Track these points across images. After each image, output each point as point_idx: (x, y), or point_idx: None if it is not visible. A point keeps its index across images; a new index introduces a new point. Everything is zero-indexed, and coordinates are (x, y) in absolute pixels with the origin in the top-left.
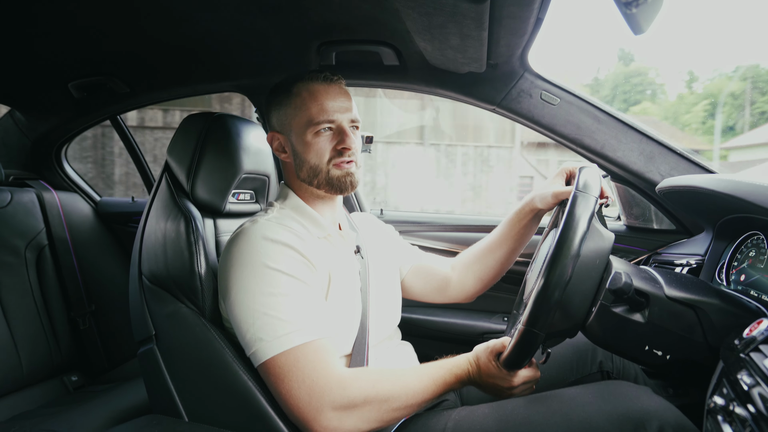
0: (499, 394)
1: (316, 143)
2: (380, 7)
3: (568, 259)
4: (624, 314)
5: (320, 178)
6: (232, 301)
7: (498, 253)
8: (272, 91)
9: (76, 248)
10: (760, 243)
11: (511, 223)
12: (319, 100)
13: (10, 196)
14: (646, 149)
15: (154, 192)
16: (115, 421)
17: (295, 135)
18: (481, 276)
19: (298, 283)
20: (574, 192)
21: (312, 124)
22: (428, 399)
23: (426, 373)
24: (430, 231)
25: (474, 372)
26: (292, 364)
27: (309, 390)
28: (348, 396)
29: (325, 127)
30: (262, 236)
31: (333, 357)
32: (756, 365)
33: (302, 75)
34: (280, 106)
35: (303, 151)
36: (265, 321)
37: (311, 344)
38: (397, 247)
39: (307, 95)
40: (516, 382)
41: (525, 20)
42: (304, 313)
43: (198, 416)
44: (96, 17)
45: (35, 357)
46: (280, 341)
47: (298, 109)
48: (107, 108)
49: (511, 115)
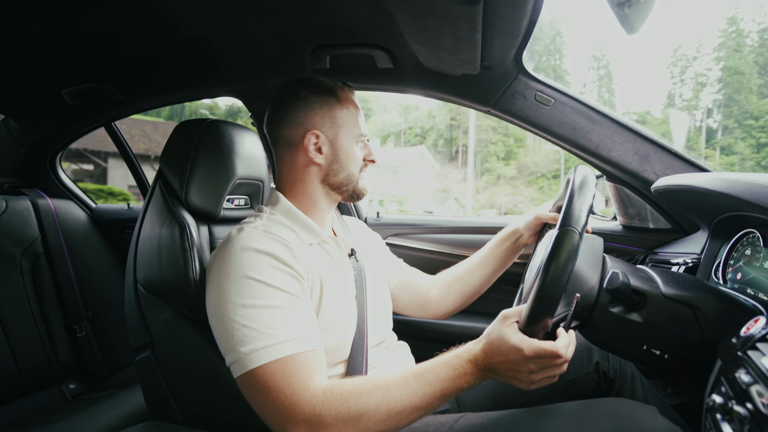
0: (516, 377)
1: (357, 153)
2: (374, 11)
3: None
4: (621, 314)
5: (350, 186)
6: (213, 312)
7: (479, 272)
8: (308, 88)
9: (72, 255)
10: (756, 241)
11: (494, 245)
12: (360, 112)
13: (4, 204)
14: (641, 149)
15: (148, 199)
16: (114, 429)
17: (342, 141)
18: (461, 294)
19: (280, 293)
20: (571, 188)
21: (359, 134)
22: (422, 404)
23: (414, 375)
24: (426, 233)
25: (480, 355)
26: (269, 379)
27: (280, 409)
28: (318, 415)
29: (364, 138)
30: (245, 246)
31: (311, 371)
32: (754, 363)
33: (339, 83)
34: (328, 107)
35: (346, 158)
36: (244, 333)
37: (289, 359)
38: (387, 257)
39: (353, 106)
40: (532, 358)
41: (518, 22)
42: (284, 326)
43: (195, 422)
44: (89, 23)
45: (33, 365)
46: (257, 354)
47: (351, 117)
48: (102, 115)
49: (505, 116)
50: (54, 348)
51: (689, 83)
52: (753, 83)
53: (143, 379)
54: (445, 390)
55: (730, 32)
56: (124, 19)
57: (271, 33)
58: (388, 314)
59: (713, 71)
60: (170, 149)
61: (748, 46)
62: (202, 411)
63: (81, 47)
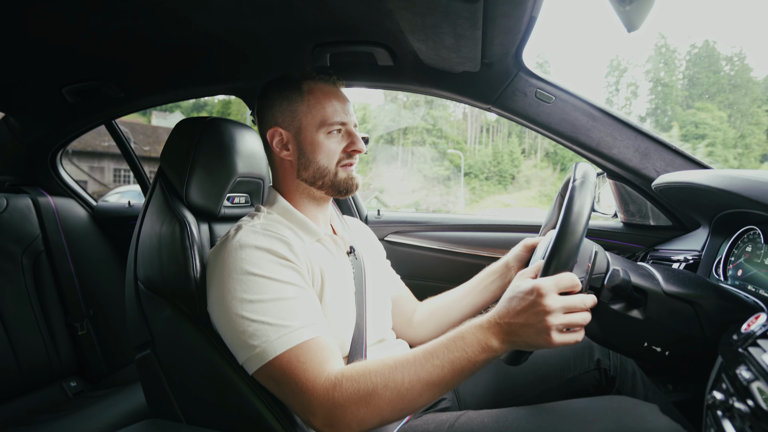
0: (537, 326)
1: (327, 144)
2: (374, 8)
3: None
4: (622, 311)
5: (326, 179)
6: (218, 311)
7: (462, 303)
8: (274, 86)
9: (73, 253)
10: (757, 238)
11: (481, 277)
12: (332, 100)
13: (5, 202)
14: (642, 146)
15: (149, 197)
16: (115, 426)
17: (304, 133)
18: (441, 323)
19: (284, 285)
20: (572, 185)
21: (326, 125)
22: (433, 379)
23: (424, 351)
24: (426, 231)
25: (493, 319)
26: (285, 368)
27: (299, 397)
28: (332, 398)
29: (337, 128)
30: (243, 244)
31: (324, 356)
32: (755, 360)
33: (310, 74)
34: (288, 102)
35: (312, 151)
36: (256, 327)
37: (303, 345)
38: (388, 268)
39: (321, 95)
40: (550, 295)
41: (519, 19)
42: (293, 315)
43: (196, 420)
44: (89, 21)
45: (34, 363)
46: (272, 346)
47: (311, 107)
48: (102, 112)
49: (506, 113)
50: (55, 346)
51: (623, 91)
52: (678, 95)
53: (144, 377)
54: (456, 363)
55: (659, 46)
56: (124, 17)
57: (271, 30)
58: (387, 312)
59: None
60: (170, 147)
61: (675, 60)
62: (203, 409)
63: (81, 45)
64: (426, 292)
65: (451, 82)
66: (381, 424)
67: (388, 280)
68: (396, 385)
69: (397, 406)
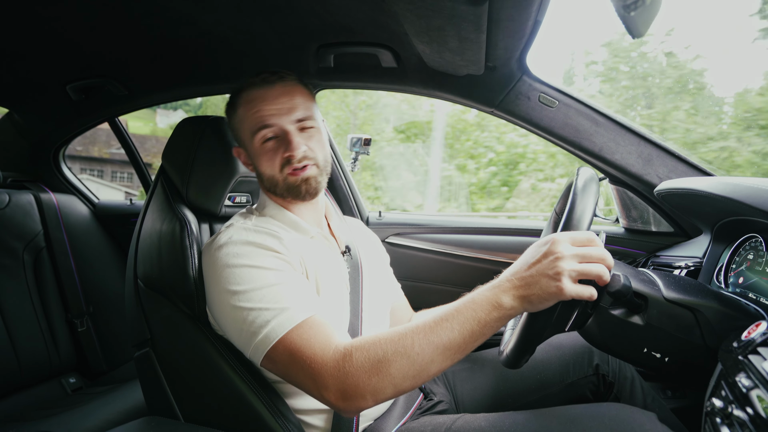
0: (552, 271)
1: (264, 152)
2: (379, 10)
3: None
4: (622, 316)
5: (279, 187)
6: (218, 308)
7: None
8: (227, 105)
9: (74, 250)
10: (758, 246)
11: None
12: (255, 106)
13: (8, 198)
14: (644, 152)
15: (150, 195)
16: (113, 423)
17: (246, 146)
18: None
19: (275, 272)
20: (574, 189)
21: (252, 133)
22: (444, 342)
23: (434, 316)
24: (428, 233)
25: (504, 277)
26: (291, 349)
27: (309, 374)
28: (343, 369)
29: (267, 133)
30: (235, 240)
31: (328, 331)
32: (754, 368)
33: (249, 80)
34: (230, 119)
35: (258, 163)
36: (255, 315)
37: (304, 324)
38: (390, 275)
39: (245, 103)
40: (564, 241)
41: (523, 23)
42: (289, 297)
43: (194, 418)
44: (93, 19)
45: (33, 359)
46: (273, 330)
47: (241, 120)
48: (105, 110)
49: (509, 117)
50: (55, 342)
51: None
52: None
53: (142, 375)
54: (465, 324)
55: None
56: (128, 16)
57: (275, 31)
58: (384, 313)
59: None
60: (172, 146)
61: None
62: (201, 407)
63: (87, 42)
64: (426, 294)
65: (455, 84)
66: (395, 394)
67: (389, 285)
68: (406, 350)
69: (409, 372)
